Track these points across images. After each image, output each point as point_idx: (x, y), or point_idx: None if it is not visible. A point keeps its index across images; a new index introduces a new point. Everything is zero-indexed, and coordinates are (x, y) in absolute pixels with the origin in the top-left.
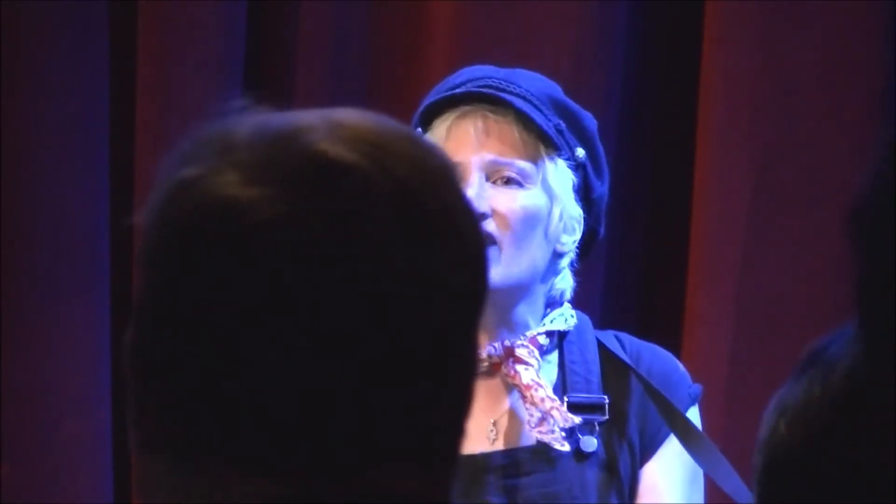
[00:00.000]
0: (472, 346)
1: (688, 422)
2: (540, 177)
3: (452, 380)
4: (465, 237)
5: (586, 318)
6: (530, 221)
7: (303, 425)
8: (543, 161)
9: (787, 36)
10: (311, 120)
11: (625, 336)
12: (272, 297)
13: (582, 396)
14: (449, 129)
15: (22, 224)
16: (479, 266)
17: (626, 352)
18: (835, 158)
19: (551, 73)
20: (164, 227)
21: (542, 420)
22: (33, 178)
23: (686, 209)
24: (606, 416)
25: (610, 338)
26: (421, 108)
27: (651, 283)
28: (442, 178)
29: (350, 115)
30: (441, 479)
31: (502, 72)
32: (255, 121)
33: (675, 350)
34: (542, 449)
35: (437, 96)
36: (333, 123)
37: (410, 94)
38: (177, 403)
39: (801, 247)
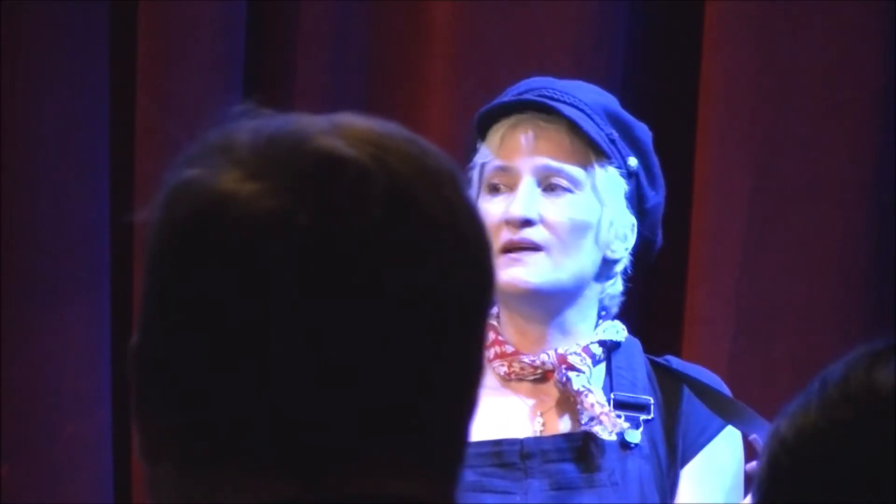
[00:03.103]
0: (474, 350)
1: (743, 407)
2: (590, 183)
3: (452, 381)
4: (466, 240)
5: (636, 340)
6: (578, 230)
7: (303, 425)
8: (593, 167)
9: (787, 36)
10: (314, 121)
11: (672, 357)
12: (271, 294)
13: (628, 395)
14: (503, 137)
15: (22, 224)
16: (480, 269)
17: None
18: (835, 158)
19: (551, 74)
20: (165, 228)
21: (591, 421)
22: (33, 178)
23: (686, 209)
24: (651, 416)
25: (657, 358)
26: (476, 118)
27: (651, 283)
28: (444, 179)
29: (352, 118)
30: (443, 481)
31: (560, 83)
32: (256, 123)
33: (676, 350)
34: (588, 436)
35: (491, 105)
36: (335, 124)
37: (410, 94)
38: (176, 405)
39: (801, 246)
